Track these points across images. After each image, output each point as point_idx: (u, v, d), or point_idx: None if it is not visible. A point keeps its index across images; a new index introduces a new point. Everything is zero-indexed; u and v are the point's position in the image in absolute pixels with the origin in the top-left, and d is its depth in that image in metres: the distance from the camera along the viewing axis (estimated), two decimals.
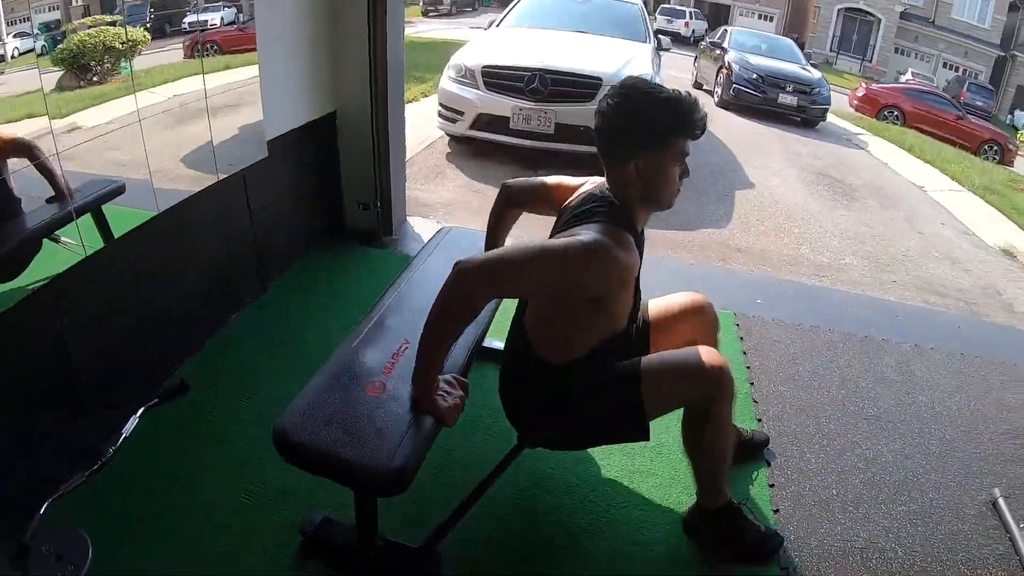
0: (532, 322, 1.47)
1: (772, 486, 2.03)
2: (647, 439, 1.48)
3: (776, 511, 1.93)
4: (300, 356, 2.23)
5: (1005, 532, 1.92)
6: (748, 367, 2.50)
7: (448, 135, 4.62)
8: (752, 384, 2.43)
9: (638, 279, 1.45)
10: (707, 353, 1.44)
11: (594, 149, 1.46)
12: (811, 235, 3.74)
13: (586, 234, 1.29)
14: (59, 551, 1.54)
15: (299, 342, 2.35)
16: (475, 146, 4.51)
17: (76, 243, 1.83)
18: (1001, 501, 1.95)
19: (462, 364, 1.53)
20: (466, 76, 4.30)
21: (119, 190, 1.96)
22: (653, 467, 1.97)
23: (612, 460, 1.95)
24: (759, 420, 2.26)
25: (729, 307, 2.84)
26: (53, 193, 1.75)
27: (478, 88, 4.26)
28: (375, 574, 1.54)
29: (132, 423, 1.80)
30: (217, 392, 2.10)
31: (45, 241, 1.79)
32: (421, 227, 3.42)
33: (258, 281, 2.66)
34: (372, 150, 3.01)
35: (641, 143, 1.35)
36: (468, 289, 1.24)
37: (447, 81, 4.44)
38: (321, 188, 3.03)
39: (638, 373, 1.42)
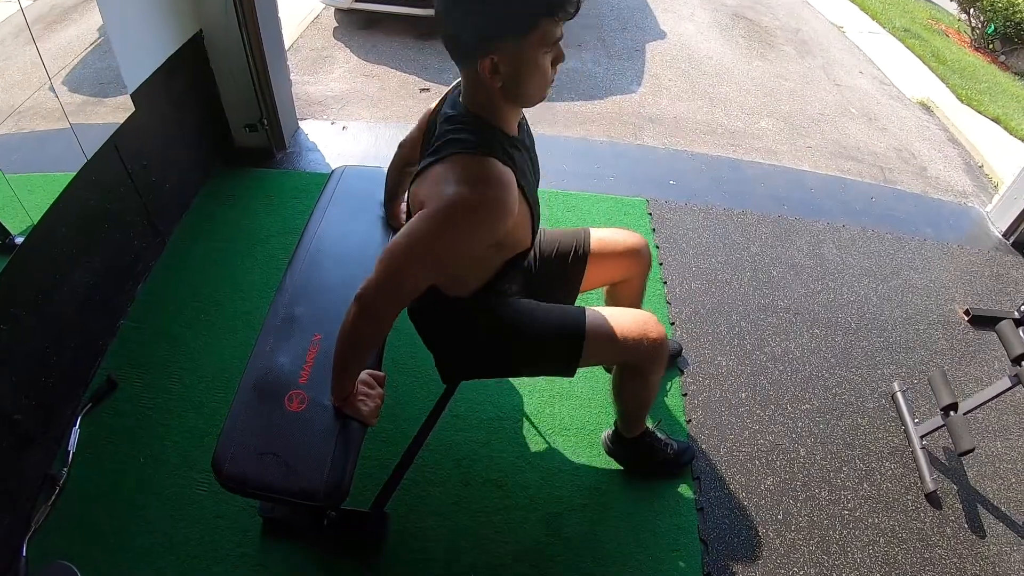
0: None
1: (685, 395, 2.07)
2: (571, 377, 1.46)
3: (688, 421, 1.99)
4: (216, 320, 2.12)
5: (901, 424, 1.96)
6: (661, 263, 2.43)
7: (332, 7, 3.90)
8: (665, 283, 2.36)
9: (530, 186, 1.23)
10: (649, 324, 1.41)
11: None
12: (725, 95, 3.48)
13: (450, 189, 1.06)
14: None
15: (212, 304, 2.19)
16: (363, 16, 3.83)
17: None
18: (899, 395, 1.98)
19: (372, 361, 1.45)
20: None
21: None
22: (572, 389, 1.99)
23: (534, 385, 1.97)
24: (672, 324, 2.24)
25: (643, 192, 2.74)
26: None
27: None
28: (333, 542, 1.64)
29: (75, 437, 1.83)
30: (146, 381, 1.97)
31: None
32: (316, 132, 3.04)
33: (155, 240, 2.38)
34: (248, 66, 2.59)
35: (494, 31, 1.02)
36: (378, 315, 1.14)
37: None
38: (202, 120, 2.64)
39: (582, 334, 1.37)
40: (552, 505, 1.73)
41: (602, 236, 1.60)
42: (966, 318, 2.35)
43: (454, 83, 1.24)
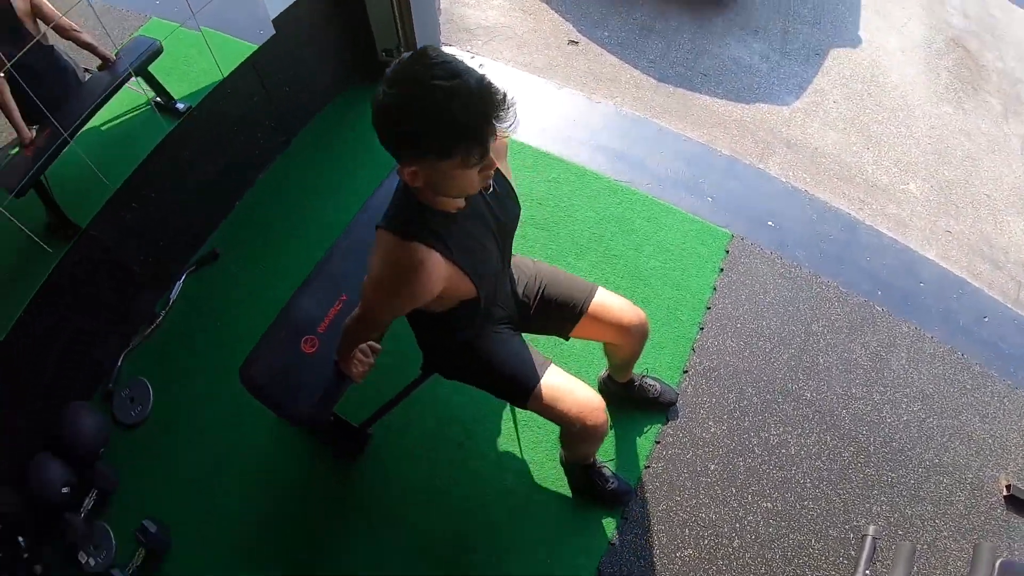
0: None
1: (657, 443, 2.21)
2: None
3: (647, 467, 2.15)
4: (310, 224, 2.58)
5: (852, 569, 1.94)
6: (708, 307, 2.44)
7: None
8: (701, 329, 2.37)
9: (473, 256, 1.34)
10: (592, 412, 1.57)
11: None
12: (888, 138, 3.00)
13: (374, 266, 1.26)
14: (132, 395, 2.34)
15: (313, 206, 2.64)
16: None
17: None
18: (869, 539, 1.94)
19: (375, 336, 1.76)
20: None
21: (155, 51, 2.18)
22: None
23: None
24: (685, 371, 2.32)
25: (734, 225, 2.64)
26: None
27: None
28: (327, 438, 2.16)
29: (177, 288, 2.47)
30: (241, 260, 2.53)
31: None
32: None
33: (280, 140, 2.79)
34: None
35: (414, 152, 1.08)
36: (357, 336, 1.52)
37: None
38: (345, 37, 2.88)
39: (529, 391, 1.57)
40: (493, 479, 2.08)
41: (604, 302, 1.70)
42: (1005, 492, 2.13)
43: None
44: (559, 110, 2.97)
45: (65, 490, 2.16)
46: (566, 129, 2.89)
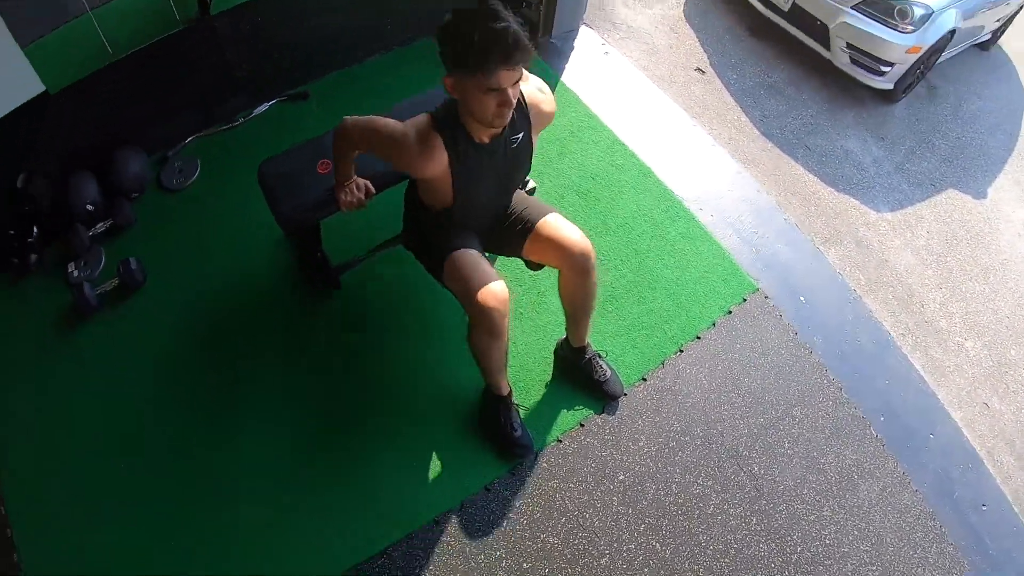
0: None
1: (581, 425, 2.13)
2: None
3: (559, 441, 2.07)
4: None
5: None
6: (698, 337, 2.34)
7: None
8: (680, 352, 2.28)
9: (468, 175, 1.62)
10: (489, 294, 1.63)
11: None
12: (968, 290, 2.67)
13: (408, 125, 1.56)
14: (182, 167, 2.67)
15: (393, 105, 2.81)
16: None
17: None
18: None
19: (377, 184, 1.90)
20: None
21: None
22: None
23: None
24: (644, 379, 2.23)
25: (761, 280, 2.51)
26: None
27: None
28: (308, 267, 2.30)
29: (262, 108, 2.81)
30: (325, 107, 2.78)
31: None
32: (583, 41, 3.27)
33: (404, 34, 3.02)
34: None
35: (450, 64, 1.44)
36: (345, 132, 1.64)
37: None
38: None
39: (443, 260, 1.71)
40: (423, 375, 2.16)
41: (553, 223, 1.78)
42: None
43: None
44: (656, 116, 3.00)
45: (89, 207, 2.46)
46: (654, 135, 2.89)
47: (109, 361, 2.16)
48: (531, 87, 1.65)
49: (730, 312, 2.36)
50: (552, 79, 3.03)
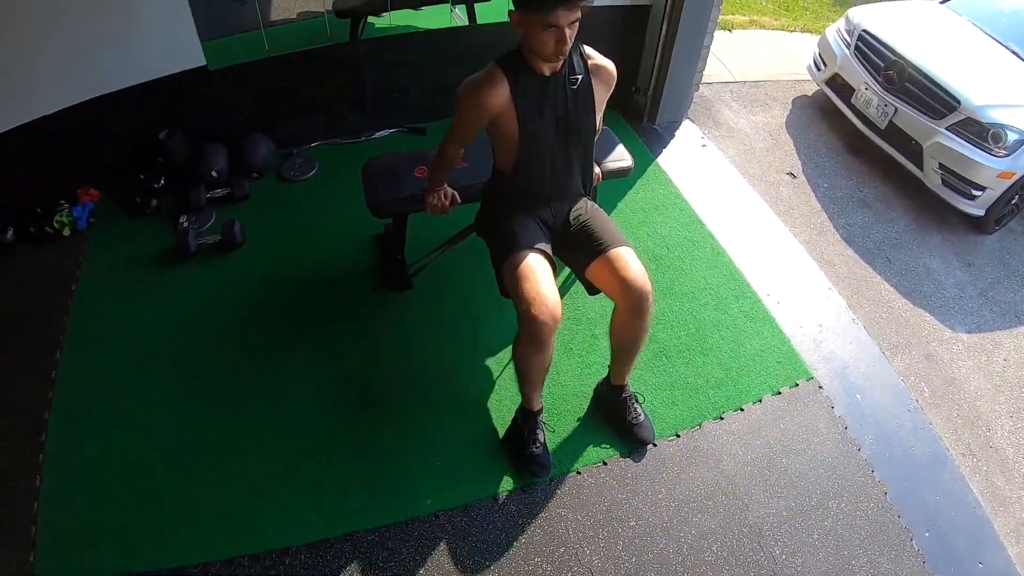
0: None
1: (604, 463, 2.13)
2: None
3: (578, 472, 2.08)
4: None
5: None
6: (741, 409, 2.30)
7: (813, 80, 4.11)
8: (720, 419, 2.24)
9: (530, 105, 1.73)
10: (540, 302, 1.70)
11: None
12: None
13: (474, 74, 1.74)
14: (301, 164, 3.11)
15: None
16: (828, 104, 3.95)
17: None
18: None
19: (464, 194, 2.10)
20: (848, 30, 3.80)
21: None
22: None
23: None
24: (677, 435, 2.20)
25: (817, 371, 2.47)
26: None
27: (849, 48, 3.72)
28: (387, 265, 2.56)
29: (384, 132, 3.28)
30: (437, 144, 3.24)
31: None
32: (685, 132, 3.53)
33: None
34: (657, 36, 3.23)
35: (515, 6, 1.60)
36: (444, 147, 1.88)
37: (831, 29, 3.96)
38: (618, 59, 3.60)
39: (506, 255, 1.82)
40: (465, 374, 2.30)
41: (624, 256, 1.83)
42: None
43: None
44: (740, 207, 3.11)
45: (214, 173, 2.89)
46: (735, 222, 3.00)
47: (187, 304, 2.45)
48: (592, 50, 1.82)
49: (779, 392, 2.32)
50: (648, 159, 3.25)
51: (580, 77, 1.75)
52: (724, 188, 3.20)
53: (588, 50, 1.81)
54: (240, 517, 1.87)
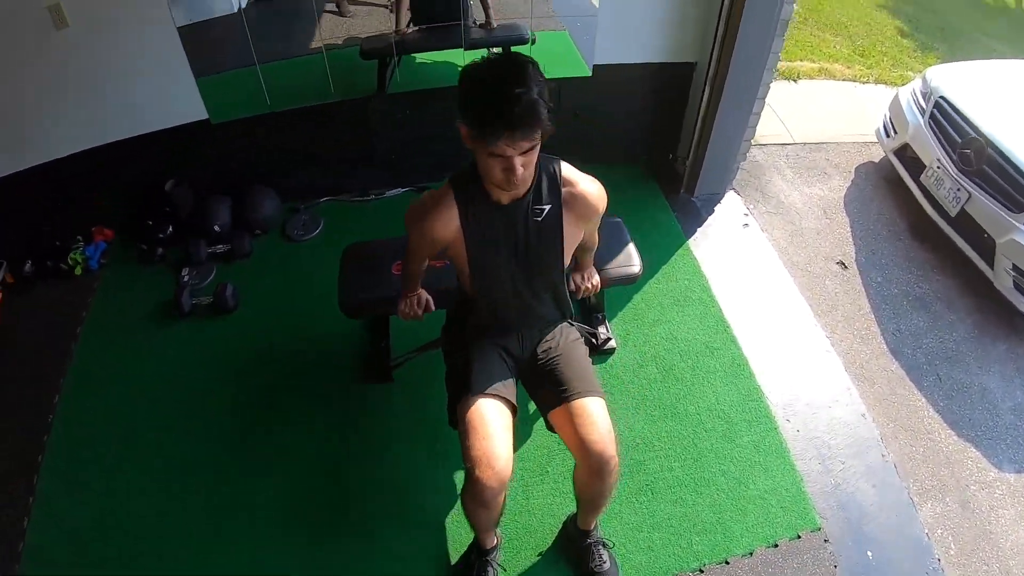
0: None
1: None
2: None
3: None
4: None
5: None
6: (727, 562, 2.05)
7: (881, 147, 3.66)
8: (700, 573, 1.98)
9: (481, 236, 1.53)
10: (486, 463, 1.52)
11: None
12: None
13: (427, 192, 1.55)
14: (306, 222, 3.00)
15: None
16: (894, 176, 3.51)
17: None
18: None
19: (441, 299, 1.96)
20: (924, 93, 3.29)
21: (522, 39, 2.84)
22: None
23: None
24: None
25: (827, 520, 2.19)
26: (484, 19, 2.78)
27: (923, 115, 3.23)
28: (367, 357, 2.46)
29: (395, 192, 3.12)
30: None
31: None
32: (726, 208, 3.22)
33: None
34: (699, 102, 2.94)
35: (460, 109, 1.32)
36: (406, 261, 1.71)
37: (906, 90, 3.45)
38: (658, 122, 3.19)
39: (455, 406, 1.66)
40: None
41: (589, 410, 1.61)
42: None
43: None
44: (776, 305, 2.81)
45: (216, 228, 2.86)
46: (766, 324, 2.72)
47: (176, 363, 2.47)
48: (576, 172, 1.56)
49: (776, 545, 2.06)
50: (677, 241, 2.99)
51: (547, 209, 1.51)
52: (760, 279, 2.90)
53: (567, 172, 1.54)
54: None
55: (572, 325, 1.83)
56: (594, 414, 1.60)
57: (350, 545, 1.99)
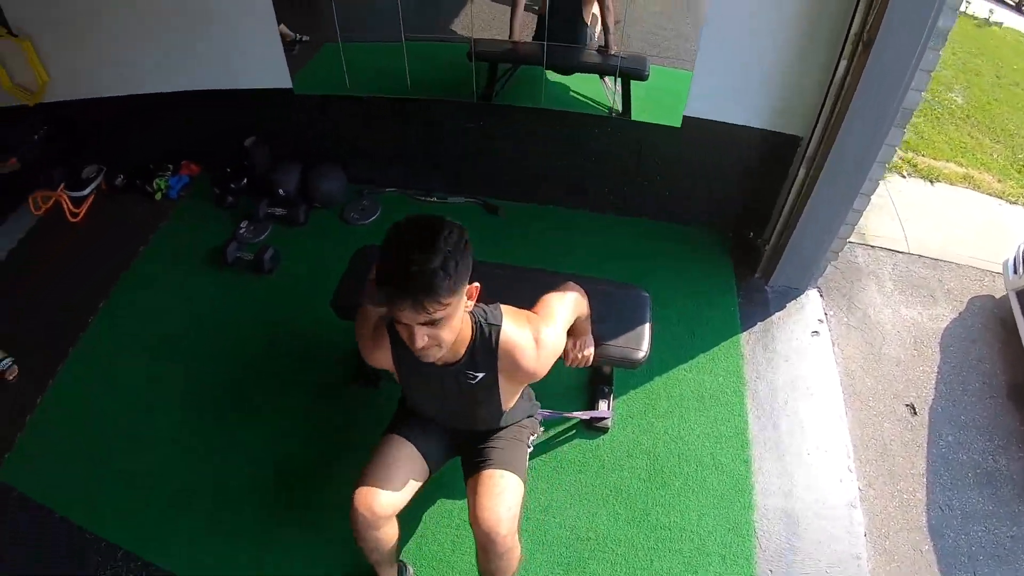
0: None
1: None
2: None
3: None
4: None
5: None
6: None
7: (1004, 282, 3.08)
8: None
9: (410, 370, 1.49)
10: (362, 498, 1.51)
11: None
12: None
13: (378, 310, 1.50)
14: (365, 207, 3.05)
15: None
16: (1010, 319, 2.96)
17: (610, 90, 2.76)
18: None
19: None
20: None
21: (640, 75, 2.66)
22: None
23: None
24: None
25: None
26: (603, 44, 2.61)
27: None
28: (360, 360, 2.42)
29: (458, 199, 3.05)
30: (509, 224, 3.04)
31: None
32: (801, 309, 2.89)
33: (616, 205, 3.02)
34: (792, 178, 2.64)
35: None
36: (358, 321, 1.57)
37: None
38: (745, 199, 2.96)
39: (384, 432, 1.70)
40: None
41: (487, 482, 1.56)
42: None
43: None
44: (812, 435, 2.46)
45: (281, 191, 2.99)
46: (792, 455, 2.40)
47: (201, 305, 2.66)
48: (525, 332, 1.42)
49: None
50: (730, 328, 2.71)
51: (481, 376, 1.43)
52: (808, 400, 2.55)
53: (505, 338, 1.40)
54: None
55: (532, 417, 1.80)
56: (497, 486, 1.54)
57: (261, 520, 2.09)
